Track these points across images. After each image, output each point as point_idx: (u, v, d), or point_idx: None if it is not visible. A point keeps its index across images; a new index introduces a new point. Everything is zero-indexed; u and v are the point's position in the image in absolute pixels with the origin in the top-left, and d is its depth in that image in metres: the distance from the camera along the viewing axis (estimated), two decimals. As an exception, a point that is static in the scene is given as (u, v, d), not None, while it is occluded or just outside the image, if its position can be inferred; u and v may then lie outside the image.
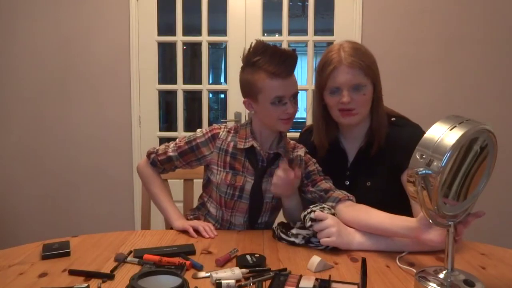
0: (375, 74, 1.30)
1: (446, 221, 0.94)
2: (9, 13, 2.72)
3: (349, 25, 2.70)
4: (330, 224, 1.16)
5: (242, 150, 1.38)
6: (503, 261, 1.12)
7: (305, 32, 2.78)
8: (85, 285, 0.92)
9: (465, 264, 1.09)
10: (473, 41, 2.67)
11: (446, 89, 2.70)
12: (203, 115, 2.86)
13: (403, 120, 1.37)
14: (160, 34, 2.78)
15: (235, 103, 2.76)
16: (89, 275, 0.98)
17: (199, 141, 1.40)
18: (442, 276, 0.94)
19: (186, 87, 2.87)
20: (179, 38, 2.79)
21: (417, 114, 1.39)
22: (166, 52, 3.25)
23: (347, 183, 1.39)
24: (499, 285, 0.98)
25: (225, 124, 1.46)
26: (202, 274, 1.00)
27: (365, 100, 1.29)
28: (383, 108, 1.35)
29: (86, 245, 1.19)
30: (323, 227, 1.17)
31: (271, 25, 2.92)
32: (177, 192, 1.72)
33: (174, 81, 2.84)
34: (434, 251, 1.14)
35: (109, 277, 0.97)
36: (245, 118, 2.75)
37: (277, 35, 2.90)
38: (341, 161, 1.41)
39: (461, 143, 0.87)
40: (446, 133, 0.87)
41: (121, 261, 1.06)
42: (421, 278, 0.94)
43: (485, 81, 2.69)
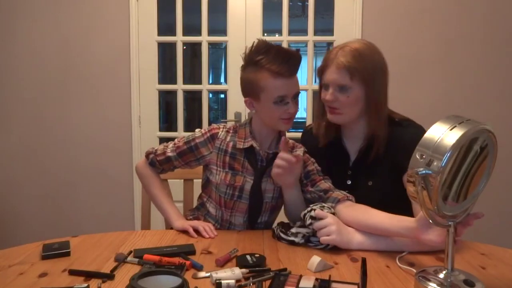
0: (368, 79, 1.27)
1: (446, 221, 0.94)
2: (9, 13, 2.71)
3: (349, 25, 2.70)
4: (330, 222, 1.17)
5: (241, 150, 1.38)
6: (503, 261, 1.12)
7: (305, 32, 2.78)
8: (85, 285, 0.92)
9: (465, 264, 1.09)
10: (473, 41, 2.67)
11: (446, 89, 2.70)
12: (203, 115, 2.86)
13: (407, 121, 1.37)
14: (160, 34, 2.78)
15: (235, 103, 2.76)
16: (89, 275, 0.98)
17: (198, 141, 1.40)
18: (442, 276, 0.94)
19: (186, 87, 2.87)
20: (179, 38, 2.79)
21: (417, 114, 1.39)
22: (166, 52, 3.25)
23: (349, 182, 1.39)
24: (499, 285, 0.98)
25: (224, 124, 1.45)
26: (202, 274, 1.00)
27: (349, 102, 1.29)
28: (381, 114, 1.32)
29: (86, 245, 1.19)
30: (323, 225, 1.17)
31: (271, 25, 2.92)
32: (177, 192, 1.72)
33: (174, 81, 2.84)
34: (434, 251, 1.13)
35: (109, 277, 0.97)
36: (245, 118, 2.75)
37: (277, 35, 2.90)
38: (343, 161, 1.41)
39: (461, 143, 0.87)
40: (446, 133, 0.88)
41: (121, 261, 1.06)
42: (421, 278, 0.94)
43: (485, 81, 2.69)
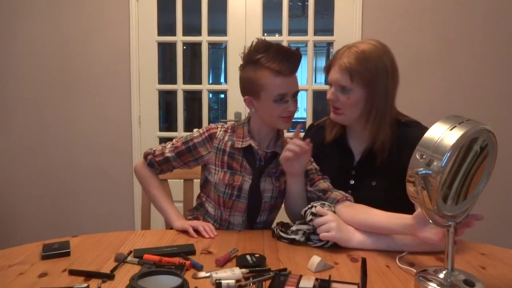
0: (370, 82, 1.27)
1: (446, 221, 0.94)
2: (9, 13, 2.71)
3: (349, 25, 2.70)
4: (330, 219, 1.18)
5: (239, 149, 1.38)
6: (503, 261, 1.12)
7: (305, 32, 2.78)
8: (85, 285, 0.92)
9: (465, 264, 1.09)
10: (473, 41, 2.67)
11: (446, 89, 2.70)
12: (203, 115, 2.86)
13: (413, 122, 1.36)
14: (160, 34, 2.78)
15: (235, 103, 2.76)
16: (89, 275, 0.98)
17: (196, 141, 1.40)
18: (442, 276, 0.94)
19: (186, 87, 2.87)
20: (179, 38, 2.79)
21: (417, 114, 1.39)
22: (166, 52, 3.25)
23: (352, 182, 1.39)
24: (499, 285, 0.98)
25: (222, 123, 1.45)
26: (202, 274, 1.00)
27: (349, 103, 1.29)
28: (384, 118, 1.30)
29: (86, 245, 1.19)
30: (323, 221, 1.18)
31: (271, 25, 2.92)
32: (177, 192, 1.72)
33: (174, 81, 2.84)
34: (434, 251, 1.13)
35: (109, 277, 0.97)
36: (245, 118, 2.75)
37: (277, 35, 2.90)
38: (347, 160, 1.41)
39: (461, 143, 0.87)
40: (446, 133, 0.88)
41: (121, 261, 1.06)
42: (421, 278, 0.94)
43: (485, 81, 2.69)
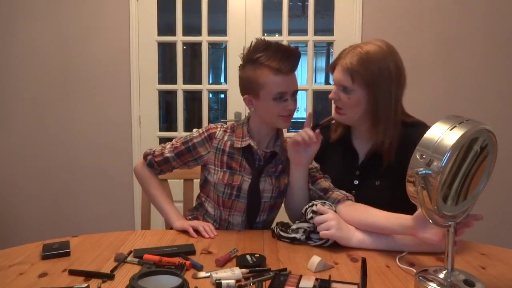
0: (371, 84, 1.26)
1: (445, 221, 0.94)
2: (9, 13, 2.71)
3: (349, 25, 2.70)
4: (330, 217, 1.18)
5: (239, 149, 1.38)
6: (503, 261, 1.12)
7: (305, 32, 2.78)
8: (85, 285, 0.92)
9: (465, 264, 1.09)
10: (473, 41, 2.67)
11: (446, 89, 2.70)
12: (203, 115, 2.86)
13: (419, 123, 1.36)
14: (160, 34, 2.78)
15: (235, 103, 2.76)
16: (89, 275, 0.98)
17: (195, 141, 1.40)
18: (442, 276, 0.94)
19: (186, 87, 2.87)
20: (179, 38, 2.79)
21: (417, 114, 1.39)
22: (166, 52, 3.25)
23: (356, 182, 1.39)
24: (499, 285, 0.98)
25: (221, 123, 1.45)
26: (202, 274, 1.00)
27: (350, 103, 1.30)
28: (387, 120, 1.29)
29: (86, 245, 1.19)
30: (323, 219, 1.18)
31: (271, 25, 2.92)
32: (177, 192, 1.72)
33: (174, 81, 2.84)
34: (434, 251, 1.13)
35: (109, 277, 0.97)
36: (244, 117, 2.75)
37: (277, 35, 2.90)
38: (352, 160, 1.41)
39: (461, 143, 0.87)
40: (446, 133, 0.88)
41: (121, 261, 1.06)
42: (421, 278, 0.94)
43: (485, 81, 2.69)
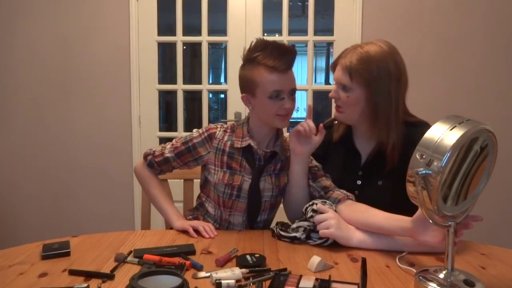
0: (370, 83, 1.26)
1: (445, 221, 0.94)
2: (9, 13, 2.71)
3: (349, 25, 2.70)
4: (330, 216, 1.18)
5: (239, 149, 1.38)
6: (503, 261, 1.12)
7: (305, 32, 2.78)
8: (85, 285, 0.92)
9: (465, 264, 1.09)
10: (473, 41, 2.67)
11: (446, 89, 2.70)
12: (203, 115, 2.86)
13: (421, 122, 1.35)
14: (160, 34, 2.78)
15: (235, 103, 2.76)
16: (89, 275, 0.98)
17: (195, 141, 1.40)
18: (442, 276, 0.94)
19: (186, 87, 2.87)
20: (179, 38, 2.79)
21: (417, 114, 1.39)
22: (166, 52, 3.25)
23: (359, 182, 1.39)
24: (499, 285, 0.98)
25: (221, 123, 1.45)
26: (202, 274, 1.00)
27: (349, 102, 1.30)
28: (387, 120, 1.29)
29: (86, 245, 1.19)
30: (323, 218, 1.19)
31: (271, 25, 2.92)
32: (177, 192, 1.72)
33: (174, 81, 2.84)
34: (434, 252, 1.13)
35: (109, 277, 0.97)
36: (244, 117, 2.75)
37: (277, 35, 2.90)
38: (354, 160, 1.41)
39: (461, 143, 0.87)
40: (446, 133, 0.88)
41: (121, 261, 1.06)
42: (421, 278, 0.94)
43: (485, 81, 2.69)
